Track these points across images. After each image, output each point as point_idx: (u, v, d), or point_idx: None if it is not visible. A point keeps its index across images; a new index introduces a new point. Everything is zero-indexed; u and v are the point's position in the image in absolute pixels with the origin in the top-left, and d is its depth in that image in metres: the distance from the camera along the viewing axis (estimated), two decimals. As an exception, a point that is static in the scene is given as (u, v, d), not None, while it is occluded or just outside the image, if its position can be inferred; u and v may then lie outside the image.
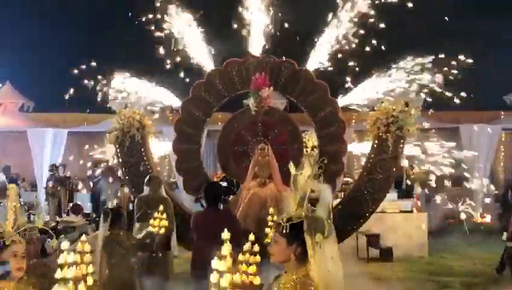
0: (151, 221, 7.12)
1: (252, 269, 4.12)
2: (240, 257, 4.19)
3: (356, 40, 9.42)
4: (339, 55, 9.49)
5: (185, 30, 9.53)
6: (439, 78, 9.19)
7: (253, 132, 9.29)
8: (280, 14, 9.41)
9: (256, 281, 4.02)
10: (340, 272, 3.23)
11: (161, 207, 7.07)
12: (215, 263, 3.62)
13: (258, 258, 4.26)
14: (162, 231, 6.99)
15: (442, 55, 9.41)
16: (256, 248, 4.27)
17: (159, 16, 9.53)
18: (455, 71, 9.29)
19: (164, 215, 7.05)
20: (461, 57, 9.45)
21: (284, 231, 3.14)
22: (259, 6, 9.30)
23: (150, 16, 9.62)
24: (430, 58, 9.25)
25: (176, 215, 8.61)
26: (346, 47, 9.43)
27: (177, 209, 8.91)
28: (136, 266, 6.78)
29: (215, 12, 10.28)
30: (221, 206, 7.29)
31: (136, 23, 9.81)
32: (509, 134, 18.59)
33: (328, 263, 3.10)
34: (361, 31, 9.44)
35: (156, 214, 7.02)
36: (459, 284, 9.75)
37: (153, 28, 9.61)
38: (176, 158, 9.77)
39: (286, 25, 9.65)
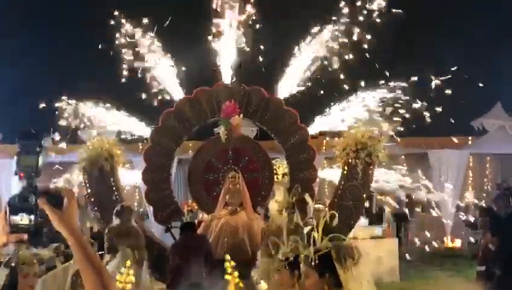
0: (118, 277, 7.07)
1: None
2: None
3: (328, 65, 9.52)
4: (309, 82, 9.57)
5: (154, 58, 9.52)
6: (408, 104, 9.28)
7: (223, 160, 9.24)
8: (251, 44, 9.47)
9: None
10: None
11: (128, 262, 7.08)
12: None
13: None
14: (129, 287, 7.01)
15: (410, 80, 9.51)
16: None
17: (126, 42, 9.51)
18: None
19: (131, 271, 7.08)
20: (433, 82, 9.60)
21: (314, 264, 3.09)
22: (229, 34, 9.34)
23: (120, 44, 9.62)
24: (399, 84, 9.37)
25: (147, 248, 8.48)
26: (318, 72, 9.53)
27: (148, 241, 8.75)
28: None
29: (184, 40, 10.30)
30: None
31: (105, 52, 9.80)
32: (477, 159, 18.85)
33: (361, 288, 3.05)
34: (334, 57, 9.51)
35: (123, 269, 7.00)
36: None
37: (124, 57, 9.60)
38: (145, 188, 9.66)
39: (256, 53, 9.72)
